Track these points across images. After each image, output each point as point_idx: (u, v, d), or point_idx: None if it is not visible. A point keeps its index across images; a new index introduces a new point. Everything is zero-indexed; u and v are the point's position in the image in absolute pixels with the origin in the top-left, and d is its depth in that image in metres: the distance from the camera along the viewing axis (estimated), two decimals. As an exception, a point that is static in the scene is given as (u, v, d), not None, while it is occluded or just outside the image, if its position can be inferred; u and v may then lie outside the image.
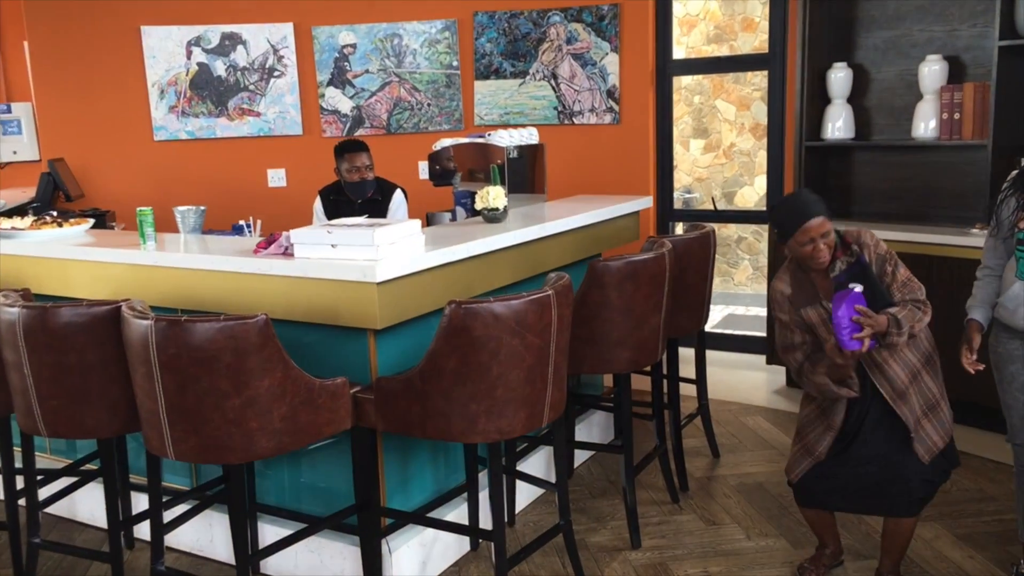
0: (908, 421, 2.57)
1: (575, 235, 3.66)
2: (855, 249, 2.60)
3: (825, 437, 2.67)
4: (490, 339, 2.43)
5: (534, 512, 3.46)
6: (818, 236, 2.54)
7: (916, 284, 2.60)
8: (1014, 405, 2.64)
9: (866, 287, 2.51)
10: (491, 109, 5.74)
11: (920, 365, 2.61)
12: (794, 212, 2.56)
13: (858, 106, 4.76)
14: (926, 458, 2.58)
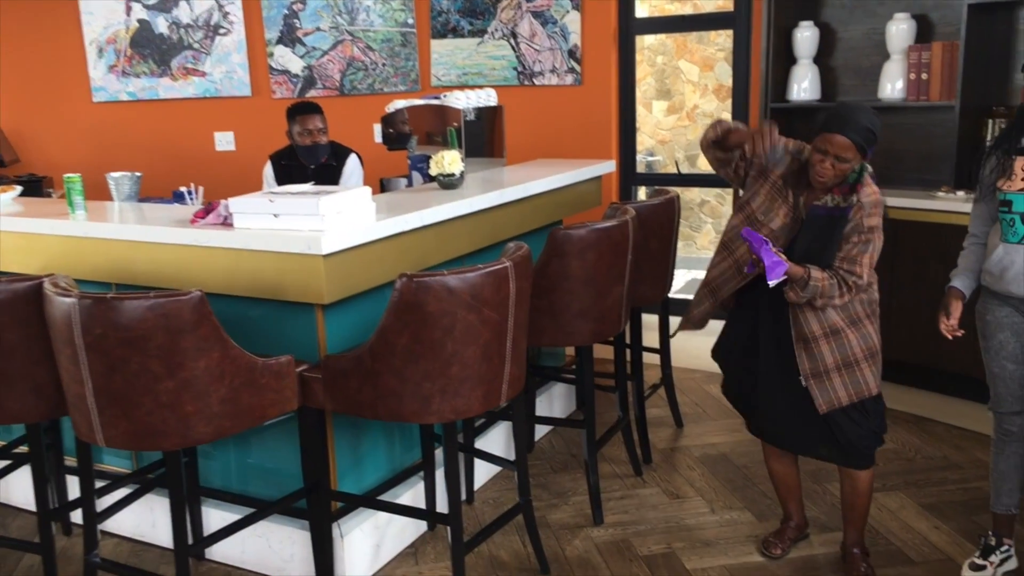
0: (802, 365, 2.54)
1: (535, 201, 3.52)
2: (853, 200, 2.47)
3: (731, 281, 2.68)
4: (444, 314, 2.29)
5: (494, 488, 3.35)
6: (832, 154, 2.41)
7: (859, 271, 2.46)
8: (1000, 374, 2.55)
9: (828, 242, 2.46)
10: (449, 70, 5.54)
11: (844, 324, 2.53)
12: (835, 118, 2.43)
13: (824, 66, 4.64)
14: (823, 408, 2.53)
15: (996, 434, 2.65)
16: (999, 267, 2.48)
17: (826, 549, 2.87)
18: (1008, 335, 2.52)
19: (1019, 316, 2.50)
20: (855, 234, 2.47)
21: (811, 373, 2.54)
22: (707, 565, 2.80)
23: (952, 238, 3.88)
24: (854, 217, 2.46)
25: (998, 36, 4.08)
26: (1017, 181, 2.42)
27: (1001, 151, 2.49)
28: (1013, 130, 2.49)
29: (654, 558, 2.86)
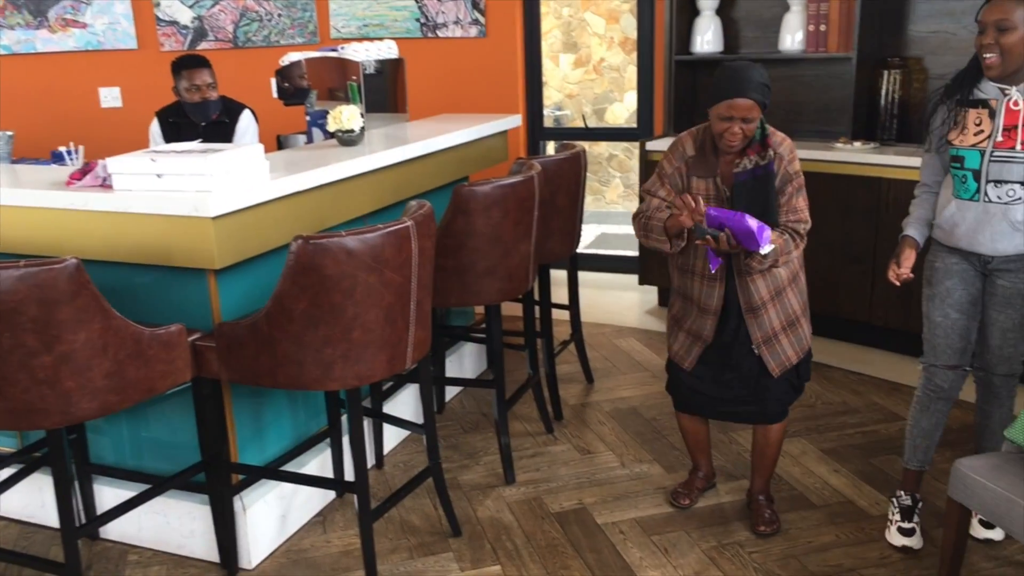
0: (754, 334, 2.53)
1: (439, 158, 3.42)
2: (770, 154, 2.46)
3: (706, 321, 2.58)
4: (343, 277, 2.20)
5: (404, 451, 3.30)
6: (739, 117, 2.37)
7: (804, 216, 2.50)
8: (943, 322, 2.52)
9: (764, 199, 2.43)
10: (348, 21, 5.34)
11: (787, 283, 2.55)
12: (730, 82, 2.37)
13: (727, 18, 4.65)
14: (777, 371, 2.56)
15: (923, 390, 2.60)
16: (950, 223, 2.45)
17: (733, 497, 2.93)
18: (956, 282, 2.49)
19: (968, 265, 2.47)
20: (787, 184, 2.47)
21: (762, 340, 2.54)
22: (617, 519, 2.82)
23: (850, 188, 3.97)
24: (778, 168, 2.46)
25: (893, -12, 4.14)
26: (969, 136, 2.37)
27: (953, 102, 2.43)
28: (965, 80, 2.41)
29: (565, 515, 2.86)
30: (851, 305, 4.10)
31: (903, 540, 2.60)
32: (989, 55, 2.28)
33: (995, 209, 2.35)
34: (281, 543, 2.72)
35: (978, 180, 2.36)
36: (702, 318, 2.58)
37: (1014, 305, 2.44)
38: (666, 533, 2.74)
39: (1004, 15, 2.24)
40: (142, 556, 2.68)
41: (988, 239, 2.38)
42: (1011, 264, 2.41)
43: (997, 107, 2.34)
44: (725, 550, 2.64)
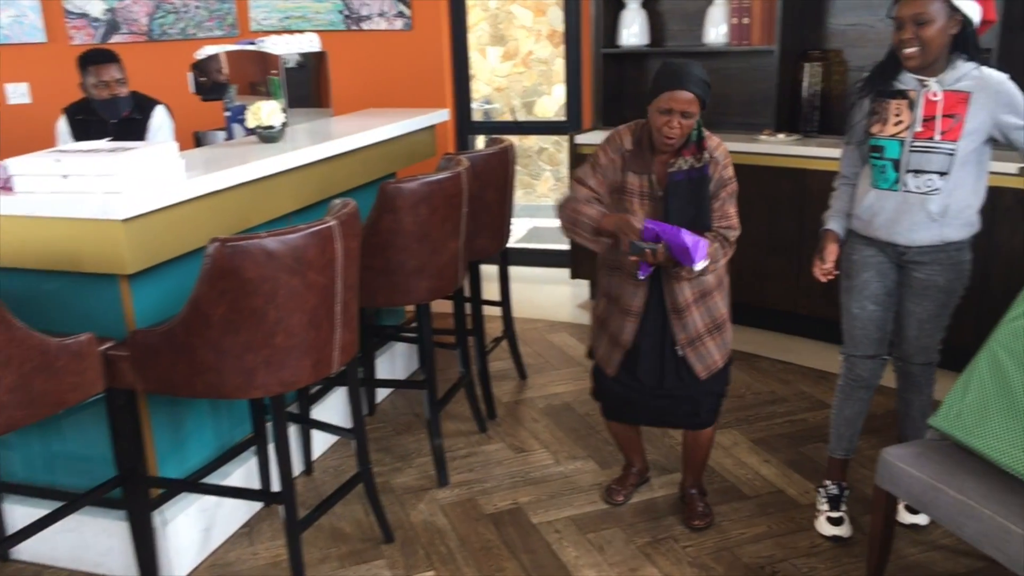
0: (678, 336, 2.51)
1: (365, 154, 3.34)
2: (706, 156, 2.45)
3: (625, 323, 2.55)
4: (264, 280, 2.12)
5: (334, 456, 3.22)
6: (679, 111, 2.35)
7: (735, 223, 2.50)
8: (860, 314, 2.55)
9: (698, 201, 2.41)
10: (269, 13, 5.19)
11: (713, 286, 2.54)
12: (672, 76, 2.35)
13: (652, 11, 4.66)
14: (703, 374, 2.54)
15: (845, 379, 2.64)
16: (869, 212, 2.46)
17: (666, 491, 2.93)
18: (873, 275, 2.51)
19: (884, 257, 2.50)
20: (720, 188, 2.46)
21: (687, 342, 2.53)
22: (553, 518, 2.80)
23: (775, 180, 4.02)
24: (713, 172, 2.45)
25: (813, -18, 4.20)
26: (889, 126, 2.39)
27: (874, 93, 2.45)
28: (884, 72, 2.44)
29: (500, 515, 2.82)
30: (777, 295, 4.15)
31: (832, 530, 2.63)
32: (909, 49, 2.30)
33: (913, 199, 2.39)
34: (205, 557, 2.62)
35: (898, 170, 2.39)
36: (622, 320, 2.54)
37: (930, 296, 2.48)
38: (601, 530, 2.72)
39: (921, 9, 2.26)
40: (57, 576, 2.55)
41: (906, 229, 2.41)
42: (925, 256, 2.45)
43: (916, 98, 2.37)
44: (660, 545, 2.64)
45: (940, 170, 2.35)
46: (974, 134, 2.34)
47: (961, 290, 2.50)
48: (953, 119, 2.33)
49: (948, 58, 2.34)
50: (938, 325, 2.53)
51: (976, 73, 2.34)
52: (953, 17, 2.27)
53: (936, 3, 2.25)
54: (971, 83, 2.33)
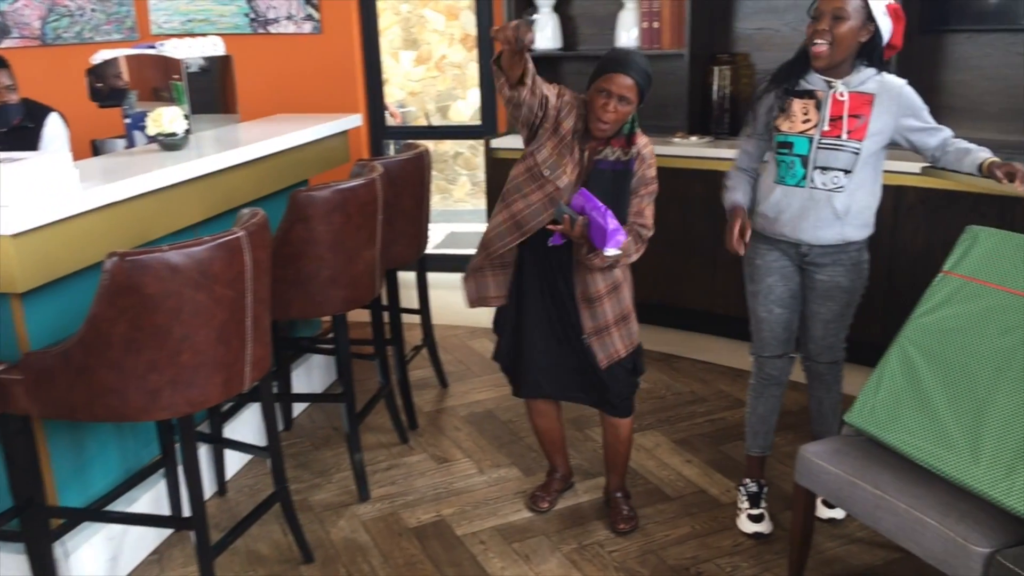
0: (586, 325, 2.51)
1: (275, 161, 3.24)
2: (633, 152, 2.44)
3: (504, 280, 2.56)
4: (168, 296, 2.01)
5: (249, 474, 3.10)
6: (616, 94, 2.33)
7: (649, 223, 2.51)
8: (768, 318, 2.59)
9: (619, 196, 2.41)
10: (171, 16, 5.01)
11: (621, 279, 2.55)
12: (616, 60, 2.35)
13: (564, 15, 4.67)
14: (604, 363, 2.54)
15: (756, 379, 2.69)
16: (775, 210, 2.49)
17: (591, 496, 2.92)
18: (777, 279, 2.56)
19: (787, 260, 2.54)
20: (641, 186, 2.46)
21: (594, 331, 2.52)
22: (477, 528, 2.75)
23: (688, 181, 4.07)
24: (638, 169, 2.45)
25: (720, -13, 4.27)
26: (798, 123, 2.43)
27: (781, 91, 2.48)
28: (792, 71, 2.47)
29: (424, 529, 2.76)
30: (693, 295, 4.20)
31: (753, 527, 2.66)
32: (820, 42, 2.33)
33: (820, 196, 2.43)
34: (113, 588, 2.49)
35: (806, 166, 2.43)
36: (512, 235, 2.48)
37: (833, 297, 2.54)
38: (527, 539, 2.69)
39: (842, 4, 2.31)
40: (-53, 618, 2.38)
41: (812, 226, 2.45)
42: (827, 257, 2.50)
43: (823, 98, 2.42)
44: (586, 551, 2.62)
45: (845, 168, 2.40)
46: (878, 135, 2.41)
47: (862, 289, 2.58)
48: (859, 119, 2.39)
49: (853, 63, 2.40)
50: (842, 324, 2.59)
51: (878, 78, 2.43)
52: (867, 25, 2.34)
53: (857, 2, 2.31)
54: (874, 86, 2.41)
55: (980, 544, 1.84)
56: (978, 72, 3.74)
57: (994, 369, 2.02)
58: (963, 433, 1.99)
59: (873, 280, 2.62)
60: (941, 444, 2.01)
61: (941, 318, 2.18)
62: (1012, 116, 3.68)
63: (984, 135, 3.67)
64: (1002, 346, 2.03)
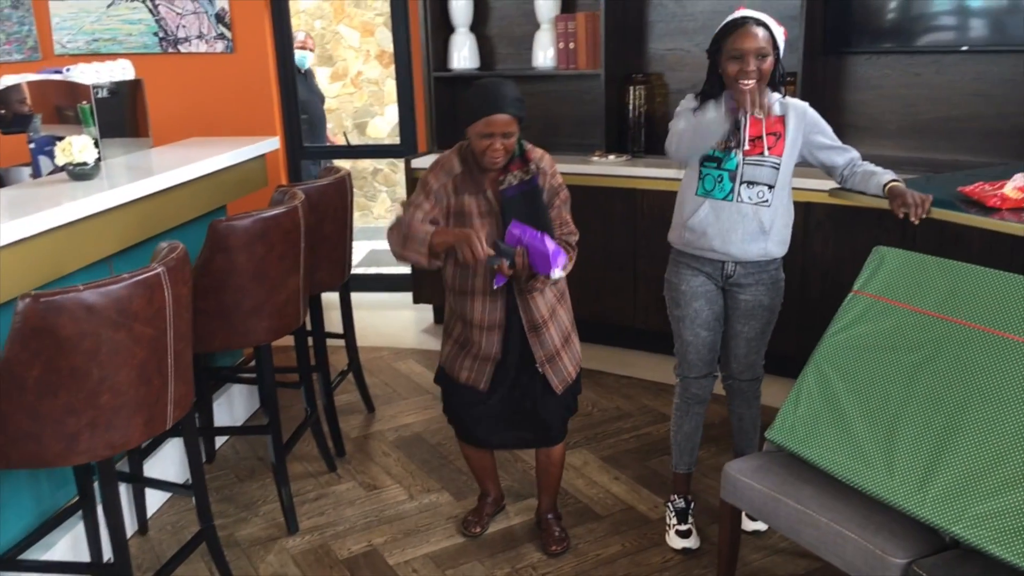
0: (537, 353, 2.54)
1: (192, 187, 3.17)
2: (533, 168, 2.47)
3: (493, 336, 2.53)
4: (84, 337, 1.95)
5: (172, 511, 3.01)
6: (499, 134, 2.35)
7: (574, 228, 2.56)
8: (694, 341, 2.65)
9: (535, 212, 2.43)
10: (75, 35, 4.84)
11: (556, 300, 2.58)
12: (486, 99, 2.35)
13: (481, 35, 4.70)
14: (560, 388, 2.58)
15: (681, 399, 2.75)
16: (703, 224, 2.54)
17: (522, 518, 2.93)
18: (703, 303, 2.62)
19: (712, 284, 2.61)
20: (555, 197, 2.51)
21: (546, 359, 2.54)
22: (409, 557, 2.74)
23: (608, 199, 4.14)
24: (544, 182, 2.49)
25: (632, 7, 4.37)
26: (721, 141, 2.49)
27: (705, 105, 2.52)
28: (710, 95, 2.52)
29: (355, 559, 2.73)
30: (615, 310, 4.28)
31: (682, 543, 2.72)
32: (750, 81, 2.42)
33: (747, 210, 2.52)
34: (29, 640, 2.38)
35: (733, 180, 2.52)
36: (489, 335, 2.53)
37: (756, 316, 2.64)
38: (459, 566, 2.69)
39: (764, 44, 2.41)
40: None
41: (740, 239, 2.53)
42: (750, 277, 2.59)
43: (742, 120, 2.51)
44: (519, 574, 2.64)
45: (769, 182, 2.51)
46: (792, 150, 2.54)
47: (779, 307, 2.68)
48: (775, 137, 2.51)
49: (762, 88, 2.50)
50: (763, 342, 2.69)
51: (784, 101, 2.56)
52: (774, 52, 2.43)
53: (769, 39, 2.42)
54: (781, 108, 2.55)
55: (897, 555, 1.93)
56: (878, 92, 3.92)
57: (904, 385, 2.12)
58: (877, 448, 2.08)
59: (787, 294, 2.72)
60: (857, 459, 2.10)
61: (853, 336, 2.27)
62: (909, 133, 3.87)
63: (884, 152, 3.86)
64: (910, 363, 2.13)
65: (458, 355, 2.62)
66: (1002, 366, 1.98)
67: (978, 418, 1.96)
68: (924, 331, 2.15)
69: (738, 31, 2.42)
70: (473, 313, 2.53)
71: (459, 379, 2.62)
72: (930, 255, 2.28)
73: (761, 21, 2.42)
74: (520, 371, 2.57)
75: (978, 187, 2.47)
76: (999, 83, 3.63)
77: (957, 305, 2.13)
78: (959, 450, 1.95)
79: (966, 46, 3.65)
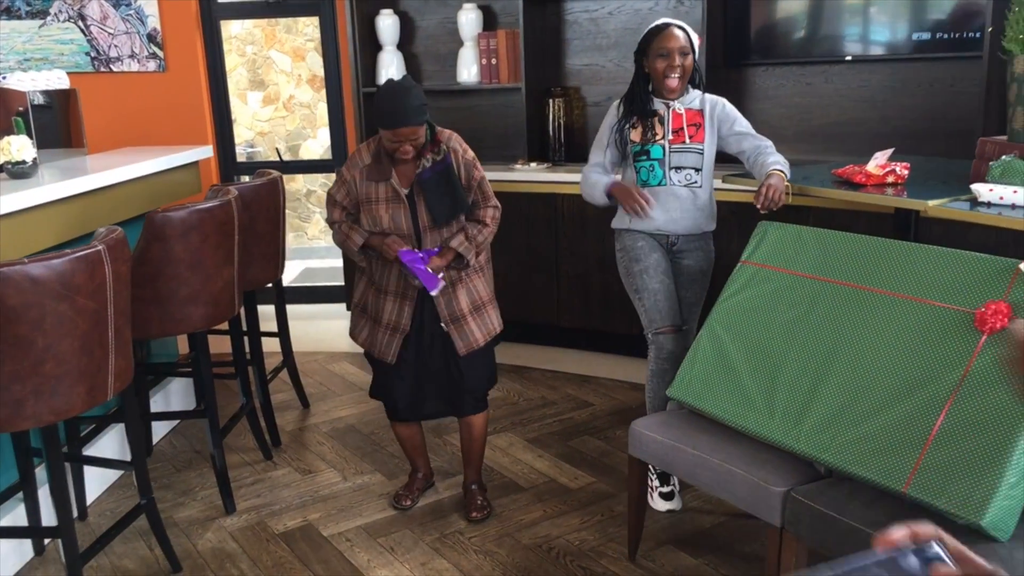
0: (441, 312, 2.75)
1: (127, 188, 3.30)
2: (443, 148, 2.70)
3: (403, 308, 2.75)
4: (30, 307, 2.09)
5: (110, 499, 3.11)
6: (407, 139, 2.60)
7: (492, 195, 2.79)
8: (660, 288, 2.84)
9: (450, 189, 2.67)
10: (7, 55, 4.93)
11: (474, 271, 2.80)
12: (393, 112, 2.57)
13: (408, 53, 4.93)
14: (463, 351, 2.77)
15: (655, 362, 2.88)
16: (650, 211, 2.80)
17: (451, 492, 3.11)
18: (660, 256, 2.90)
19: (660, 247, 2.91)
20: (471, 170, 2.74)
21: (450, 318, 2.74)
22: (343, 528, 2.89)
23: (531, 204, 4.38)
24: (457, 160, 2.71)
25: (550, 25, 4.66)
26: (648, 135, 2.85)
27: (645, 114, 2.86)
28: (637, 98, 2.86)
29: (291, 533, 2.87)
30: (540, 310, 4.50)
31: (665, 504, 2.91)
32: (674, 76, 2.80)
33: (680, 191, 2.87)
34: (-29, 614, 2.47)
35: (663, 168, 2.86)
36: (398, 304, 2.75)
37: (696, 281, 2.98)
38: (391, 534, 2.85)
39: (685, 43, 2.81)
40: None
41: (679, 217, 2.88)
42: (692, 244, 2.95)
43: (665, 115, 2.86)
44: (447, 539, 2.81)
45: (695, 166, 2.88)
46: (711, 138, 2.90)
47: (710, 275, 3.00)
48: (696, 127, 2.87)
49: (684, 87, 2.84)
50: (699, 307, 3.01)
51: (703, 96, 2.93)
52: (692, 53, 2.81)
53: (688, 39, 2.81)
54: (700, 103, 2.91)
55: (778, 485, 2.16)
56: (775, 101, 4.26)
57: (784, 339, 2.37)
58: (761, 395, 2.33)
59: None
60: (744, 406, 2.34)
61: (741, 300, 2.53)
62: (805, 138, 4.21)
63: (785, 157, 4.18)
64: (789, 319, 2.39)
65: (365, 324, 2.85)
66: (866, 315, 2.25)
67: (846, 361, 2.22)
68: (801, 291, 2.42)
69: (663, 33, 2.82)
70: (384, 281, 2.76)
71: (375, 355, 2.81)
72: (806, 226, 2.56)
73: (681, 26, 2.83)
74: (430, 334, 2.77)
75: (848, 168, 2.78)
76: (881, 90, 3.99)
77: (828, 267, 2.40)
78: (829, 389, 2.21)
79: (850, 56, 4.00)
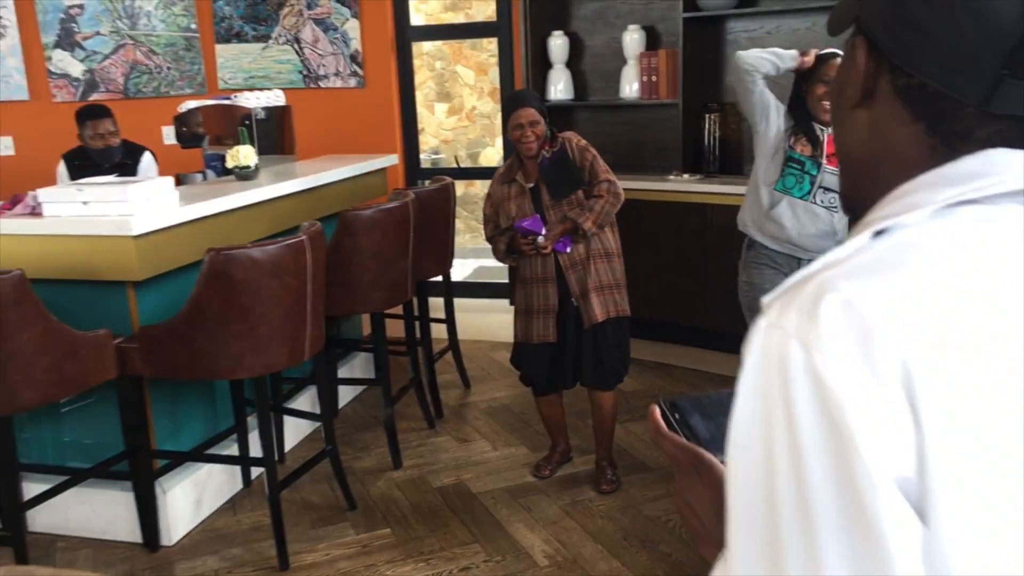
0: (571, 285, 3.11)
1: (326, 191, 3.91)
2: (559, 141, 3.11)
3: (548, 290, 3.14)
4: (250, 282, 2.65)
5: (303, 449, 3.71)
6: (527, 124, 3.04)
7: (609, 175, 3.10)
8: None
9: (566, 169, 3.06)
10: (235, 73, 5.77)
11: (599, 254, 3.14)
12: (512, 101, 3.11)
13: (576, 70, 5.34)
14: (588, 323, 3.10)
15: None
16: (781, 216, 2.94)
17: (585, 467, 3.48)
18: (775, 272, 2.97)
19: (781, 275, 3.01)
20: (584, 155, 3.12)
21: (580, 293, 3.11)
22: (490, 488, 3.33)
23: (683, 214, 4.67)
24: (572, 148, 3.11)
25: (709, 45, 4.92)
26: (807, 149, 2.95)
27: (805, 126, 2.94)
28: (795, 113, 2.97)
29: (446, 488, 3.35)
30: (687, 312, 4.77)
31: None
32: None
33: (820, 211, 2.95)
34: (196, 524, 3.10)
35: (812, 184, 2.95)
36: (543, 288, 3.14)
37: None
38: (529, 496, 3.26)
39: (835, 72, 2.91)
40: (70, 543, 3.00)
41: (813, 236, 2.92)
42: None
43: (821, 137, 2.95)
44: (577, 505, 3.19)
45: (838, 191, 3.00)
46: None
47: None
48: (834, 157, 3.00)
49: None
50: None
51: None
52: None
53: None
54: None
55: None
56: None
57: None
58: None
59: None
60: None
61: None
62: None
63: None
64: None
65: (523, 317, 3.25)
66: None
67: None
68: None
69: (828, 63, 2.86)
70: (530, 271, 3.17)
71: (533, 340, 3.21)
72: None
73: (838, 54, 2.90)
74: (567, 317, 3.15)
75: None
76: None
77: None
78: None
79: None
